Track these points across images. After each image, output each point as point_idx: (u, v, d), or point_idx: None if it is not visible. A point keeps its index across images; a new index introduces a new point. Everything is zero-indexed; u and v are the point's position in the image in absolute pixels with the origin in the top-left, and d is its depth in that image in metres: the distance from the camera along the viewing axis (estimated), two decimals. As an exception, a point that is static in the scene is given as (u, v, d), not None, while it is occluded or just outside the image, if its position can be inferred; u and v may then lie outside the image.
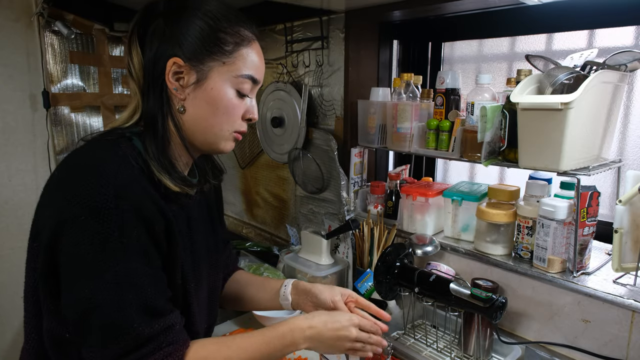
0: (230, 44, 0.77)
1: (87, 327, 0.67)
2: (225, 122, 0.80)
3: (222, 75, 0.77)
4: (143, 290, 0.69)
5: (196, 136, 0.80)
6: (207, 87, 0.77)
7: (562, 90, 1.04)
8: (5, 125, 1.79)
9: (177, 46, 0.75)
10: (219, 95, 0.78)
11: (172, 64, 0.75)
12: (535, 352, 1.11)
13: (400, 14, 1.45)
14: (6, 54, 1.75)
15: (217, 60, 0.77)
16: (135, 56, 0.77)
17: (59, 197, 0.70)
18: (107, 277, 0.66)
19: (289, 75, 1.75)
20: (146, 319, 0.68)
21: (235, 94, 0.79)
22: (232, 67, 0.78)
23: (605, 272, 1.10)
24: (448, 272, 1.25)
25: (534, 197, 1.18)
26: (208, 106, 0.78)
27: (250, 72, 0.80)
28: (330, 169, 1.64)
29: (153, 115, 0.76)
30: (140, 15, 0.78)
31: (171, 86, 0.76)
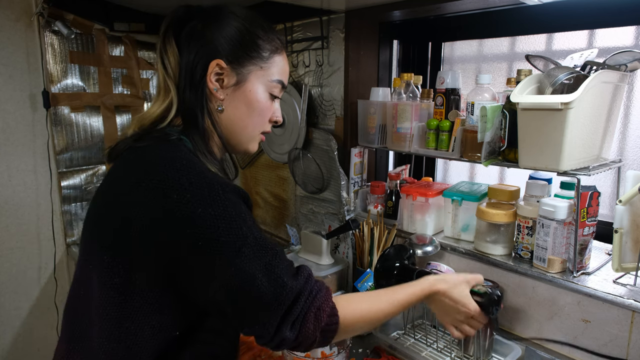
0: (267, 50, 0.83)
1: (246, 305, 0.70)
2: (258, 123, 0.86)
3: (259, 79, 0.83)
4: (276, 252, 0.73)
5: (231, 135, 0.85)
6: (245, 89, 0.82)
7: (562, 90, 1.04)
8: (5, 125, 1.79)
9: (220, 49, 0.79)
10: (256, 97, 0.83)
11: (214, 66, 0.79)
12: (536, 352, 1.11)
13: (400, 14, 1.45)
14: (6, 54, 1.75)
15: (256, 65, 0.82)
16: (171, 55, 0.80)
17: (159, 202, 0.69)
18: (246, 251, 0.69)
19: (289, 75, 1.75)
20: (291, 274, 0.73)
21: (268, 97, 0.85)
22: (268, 71, 0.84)
23: (605, 272, 1.10)
24: (448, 272, 1.25)
25: (534, 197, 1.18)
26: (245, 107, 0.83)
27: (281, 78, 0.87)
28: (330, 169, 1.64)
29: (193, 113, 0.80)
30: (174, 16, 0.81)
31: (212, 86, 0.80)
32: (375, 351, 1.17)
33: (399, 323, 1.27)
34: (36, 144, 1.86)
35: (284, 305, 0.71)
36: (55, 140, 1.89)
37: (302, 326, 0.72)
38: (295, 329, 0.71)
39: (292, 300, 0.71)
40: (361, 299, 0.84)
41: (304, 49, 1.68)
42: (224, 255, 0.69)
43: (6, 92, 1.77)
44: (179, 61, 0.80)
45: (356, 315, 0.79)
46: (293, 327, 0.71)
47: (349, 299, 0.81)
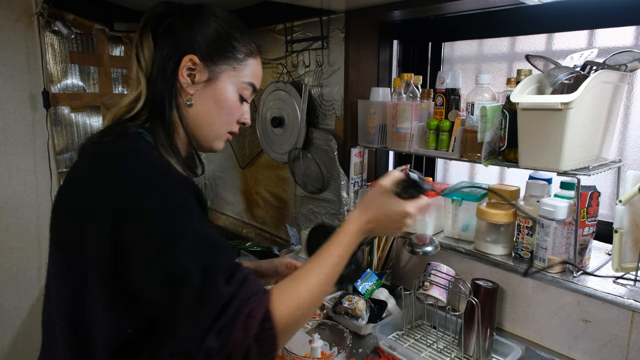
0: (242, 52, 0.85)
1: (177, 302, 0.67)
2: (225, 122, 0.86)
3: (230, 79, 0.84)
4: (217, 250, 0.71)
5: (198, 131, 0.85)
6: (216, 87, 0.83)
7: (562, 90, 1.04)
8: (5, 125, 1.79)
9: (195, 45, 0.81)
10: (225, 96, 0.84)
11: (187, 60, 0.80)
12: (535, 352, 1.11)
13: (400, 14, 1.45)
14: (6, 54, 1.75)
15: (229, 65, 0.84)
16: (147, 48, 0.81)
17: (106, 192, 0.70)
18: (184, 243, 0.68)
19: (289, 75, 1.75)
20: (226, 276, 0.69)
21: (238, 97, 0.86)
22: (241, 73, 0.85)
23: (605, 272, 1.10)
24: (448, 272, 1.25)
25: (534, 197, 1.18)
26: (214, 104, 0.84)
27: (253, 81, 0.87)
28: (330, 169, 1.64)
29: (161, 105, 0.80)
30: (154, 11, 0.83)
31: (182, 80, 0.81)
32: (375, 351, 1.17)
33: (399, 323, 1.27)
34: (36, 144, 1.86)
35: (214, 310, 0.67)
36: (55, 140, 1.89)
37: (229, 334, 0.66)
38: (221, 337, 0.66)
39: (222, 305, 0.67)
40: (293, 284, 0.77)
41: (304, 49, 1.68)
42: (161, 246, 0.67)
43: (6, 92, 1.77)
44: (153, 55, 0.81)
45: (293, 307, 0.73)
46: (219, 335, 0.66)
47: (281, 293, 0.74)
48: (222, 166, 2.31)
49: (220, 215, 2.37)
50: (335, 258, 0.80)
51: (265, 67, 1.89)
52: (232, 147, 2.17)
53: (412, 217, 0.85)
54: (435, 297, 1.20)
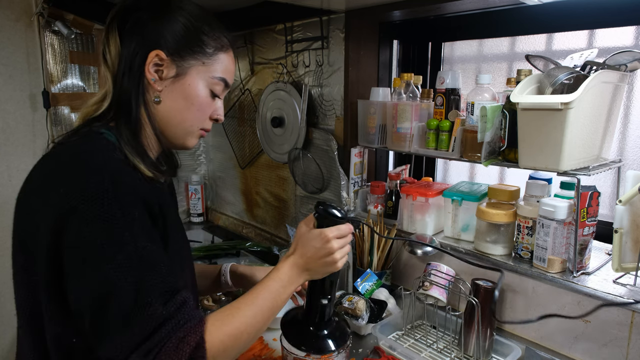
0: (211, 47, 0.82)
1: (105, 317, 0.65)
2: (196, 118, 0.84)
3: (200, 74, 0.82)
4: (156, 269, 0.68)
5: (167, 128, 0.83)
6: (184, 82, 0.81)
7: (562, 90, 1.04)
8: (5, 125, 1.79)
9: (161, 40, 0.78)
10: (194, 92, 0.82)
11: (154, 56, 0.78)
12: (535, 352, 1.11)
13: (400, 14, 1.45)
14: (6, 54, 1.75)
15: (197, 60, 0.81)
16: (113, 45, 0.79)
17: (50, 196, 0.69)
18: (119, 259, 0.66)
19: (289, 75, 1.75)
20: (161, 298, 0.67)
21: (208, 93, 0.84)
22: (210, 68, 0.82)
23: (605, 272, 1.10)
24: (448, 272, 1.25)
25: (534, 197, 1.18)
26: (183, 100, 0.82)
27: (224, 76, 0.85)
28: (330, 169, 1.64)
29: (127, 102, 0.78)
30: (122, 6, 0.80)
31: (149, 77, 0.79)
32: (375, 351, 1.17)
33: (399, 323, 1.27)
34: (36, 144, 1.86)
35: (144, 330, 0.65)
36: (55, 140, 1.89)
37: (156, 357, 0.64)
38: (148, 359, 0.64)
39: (153, 327, 0.65)
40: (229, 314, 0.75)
41: (304, 49, 1.68)
42: (94, 258, 0.65)
43: (6, 92, 1.77)
44: (119, 51, 0.78)
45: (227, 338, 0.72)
46: (146, 357, 0.64)
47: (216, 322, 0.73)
48: (222, 166, 2.31)
49: (220, 215, 2.37)
50: (270, 294, 0.81)
51: (265, 67, 1.89)
52: (232, 147, 2.17)
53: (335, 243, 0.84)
54: (435, 297, 1.20)
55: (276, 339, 1.21)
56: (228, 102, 2.14)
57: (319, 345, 0.90)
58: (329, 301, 0.91)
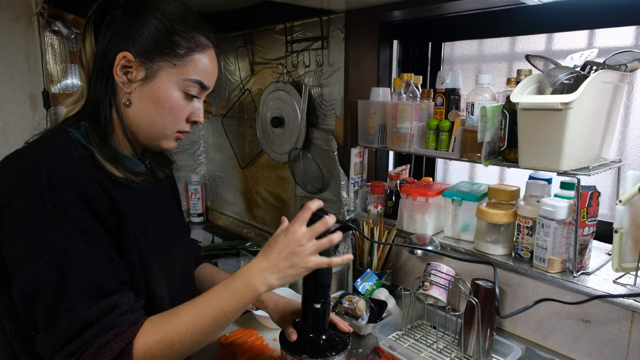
0: (183, 47, 0.78)
1: (33, 314, 0.66)
2: (168, 122, 0.81)
3: (170, 77, 0.78)
4: (84, 270, 0.67)
5: (139, 131, 0.82)
6: (154, 85, 0.78)
7: (562, 90, 1.04)
8: (5, 125, 1.79)
9: (130, 41, 0.76)
10: (165, 95, 0.79)
11: (121, 58, 0.76)
12: (535, 352, 1.11)
13: (400, 14, 1.45)
14: (6, 54, 1.75)
15: (167, 62, 0.78)
16: (88, 44, 0.78)
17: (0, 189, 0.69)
18: (47, 257, 0.65)
19: (289, 75, 1.75)
20: (86, 301, 0.66)
21: (182, 95, 0.80)
22: (182, 70, 0.79)
23: (605, 272, 1.10)
24: (448, 272, 1.25)
25: (534, 197, 1.18)
26: (153, 104, 0.79)
27: (200, 78, 0.81)
28: (330, 169, 1.64)
29: (97, 104, 0.77)
30: (99, 5, 0.79)
31: (118, 79, 0.77)
32: (375, 351, 1.17)
33: (399, 323, 1.27)
34: (36, 144, 1.86)
35: (66, 333, 0.64)
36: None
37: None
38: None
39: (75, 330, 0.65)
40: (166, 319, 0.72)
41: (304, 49, 1.68)
42: (25, 254, 0.66)
43: (6, 92, 1.77)
44: (94, 51, 0.77)
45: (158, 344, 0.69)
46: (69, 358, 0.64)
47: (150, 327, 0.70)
48: (222, 166, 2.31)
49: (220, 215, 2.37)
50: (218, 303, 0.75)
51: (265, 67, 1.89)
52: (232, 147, 2.17)
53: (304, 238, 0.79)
54: (435, 297, 1.20)
55: (276, 339, 1.21)
56: (228, 102, 2.14)
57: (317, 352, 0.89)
58: (322, 305, 0.89)
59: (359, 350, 1.18)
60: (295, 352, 0.88)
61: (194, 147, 2.36)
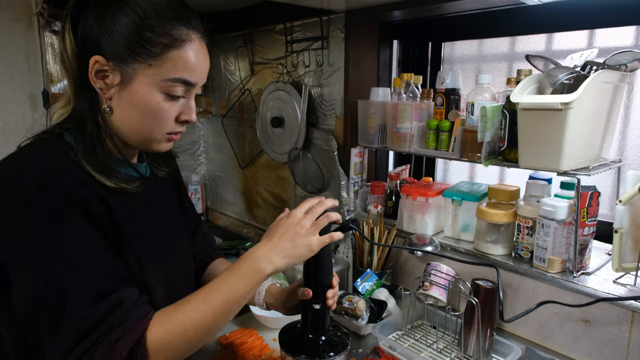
0: (157, 45, 0.71)
1: (38, 324, 0.64)
2: (153, 126, 0.76)
3: (147, 79, 0.72)
4: (81, 275, 0.66)
5: (126, 137, 0.77)
6: (131, 89, 0.72)
7: (562, 90, 1.04)
8: (5, 125, 1.79)
9: (102, 43, 0.70)
10: (144, 99, 0.73)
11: (94, 62, 0.71)
12: (535, 352, 1.11)
13: (400, 14, 1.45)
14: (6, 54, 1.75)
15: (142, 63, 0.71)
16: (68, 45, 0.73)
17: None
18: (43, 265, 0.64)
19: (289, 75, 1.75)
20: (88, 304, 0.65)
21: (164, 97, 0.74)
22: (159, 70, 0.72)
23: (605, 272, 1.10)
24: (448, 272, 1.25)
25: (534, 197, 1.18)
26: (134, 109, 0.74)
27: (182, 75, 0.73)
28: (330, 169, 1.64)
29: (81, 114, 0.74)
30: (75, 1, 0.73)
31: (95, 85, 0.72)
32: (375, 351, 1.17)
33: (399, 323, 1.27)
34: (36, 144, 1.86)
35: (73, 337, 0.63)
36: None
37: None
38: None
39: (83, 332, 0.63)
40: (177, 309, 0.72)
41: (304, 49, 1.68)
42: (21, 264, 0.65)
43: (6, 92, 1.77)
44: (75, 53, 0.72)
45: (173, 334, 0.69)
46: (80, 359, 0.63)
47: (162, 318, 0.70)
48: (222, 166, 2.31)
49: (220, 215, 2.37)
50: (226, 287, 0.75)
51: (265, 67, 1.89)
52: (232, 147, 2.17)
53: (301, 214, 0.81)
54: (435, 297, 1.20)
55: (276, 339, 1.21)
56: (228, 102, 2.14)
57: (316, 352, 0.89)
58: (322, 306, 0.89)
59: (359, 350, 1.18)
60: (295, 352, 0.88)
61: (194, 147, 2.36)
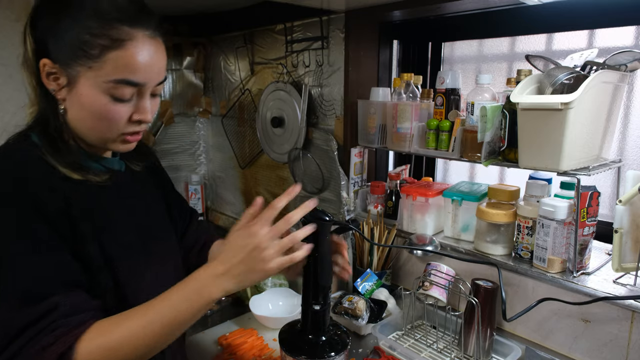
0: (95, 47, 0.69)
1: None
2: (104, 127, 0.75)
3: (89, 81, 0.71)
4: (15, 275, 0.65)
5: (84, 136, 0.77)
6: (77, 92, 0.72)
7: (562, 90, 1.04)
8: (5, 125, 1.79)
9: (49, 46, 0.71)
10: (89, 101, 0.72)
11: (43, 65, 0.72)
12: (535, 352, 1.11)
13: (400, 14, 1.45)
14: (6, 54, 1.75)
15: (83, 65, 0.70)
16: (29, 47, 0.74)
17: None
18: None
19: (289, 75, 1.75)
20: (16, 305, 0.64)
21: (110, 99, 0.72)
22: (100, 72, 0.70)
23: (605, 272, 1.10)
24: (448, 272, 1.25)
25: (534, 197, 1.18)
26: (83, 111, 0.73)
27: (124, 76, 0.71)
28: (330, 169, 1.64)
29: (43, 114, 0.75)
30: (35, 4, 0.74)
31: (49, 87, 0.73)
32: (375, 351, 1.17)
33: (399, 323, 1.27)
34: (36, 144, 1.86)
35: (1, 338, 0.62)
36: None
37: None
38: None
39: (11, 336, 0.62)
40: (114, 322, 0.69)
41: (304, 49, 1.68)
42: None
43: (6, 92, 1.77)
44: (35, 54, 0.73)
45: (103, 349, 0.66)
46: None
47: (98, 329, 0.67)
48: (222, 166, 2.31)
49: (220, 215, 2.37)
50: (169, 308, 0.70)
51: (265, 67, 1.88)
52: (232, 147, 2.17)
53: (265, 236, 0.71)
54: (435, 297, 1.20)
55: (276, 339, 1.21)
56: (228, 102, 2.14)
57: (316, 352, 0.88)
58: (322, 307, 0.89)
59: (359, 350, 1.18)
60: (295, 352, 0.88)
61: (194, 147, 2.36)
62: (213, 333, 1.28)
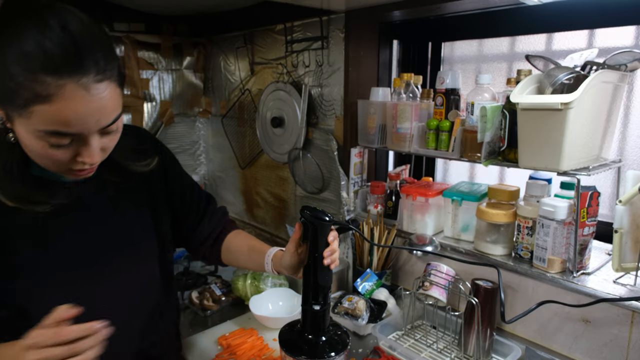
0: (21, 97, 0.62)
1: None
2: (50, 165, 0.71)
3: (22, 127, 0.66)
4: None
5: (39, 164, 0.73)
6: (16, 130, 0.68)
7: (562, 90, 1.04)
8: (5, 125, 1.79)
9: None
10: (27, 143, 0.68)
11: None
12: (535, 352, 1.11)
13: (400, 14, 1.45)
14: (6, 54, 1.75)
15: (14, 111, 0.65)
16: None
17: None
18: None
19: (289, 75, 1.75)
20: None
21: (45, 144, 0.66)
22: (29, 121, 0.64)
23: (605, 272, 1.10)
24: (448, 272, 1.25)
25: (534, 197, 1.18)
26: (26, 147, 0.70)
27: (56, 129, 0.64)
28: (330, 169, 1.64)
29: None
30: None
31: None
32: (375, 351, 1.17)
33: (399, 323, 1.27)
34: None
35: None
36: None
37: None
38: None
39: None
40: None
41: (304, 49, 1.68)
42: None
43: (6, 92, 1.77)
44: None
45: None
46: None
47: None
48: (222, 166, 2.31)
49: (220, 215, 2.37)
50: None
51: (265, 67, 1.89)
52: (232, 147, 2.17)
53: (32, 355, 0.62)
54: (435, 297, 1.20)
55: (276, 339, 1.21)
56: (228, 102, 2.14)
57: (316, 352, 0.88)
58: (321, 307, 0.89)
59: (359, 350, 1.18)
60: (295, 352, 0.88)
61: (194, 147, 2.36)
62: (213, 333, 1.28)
